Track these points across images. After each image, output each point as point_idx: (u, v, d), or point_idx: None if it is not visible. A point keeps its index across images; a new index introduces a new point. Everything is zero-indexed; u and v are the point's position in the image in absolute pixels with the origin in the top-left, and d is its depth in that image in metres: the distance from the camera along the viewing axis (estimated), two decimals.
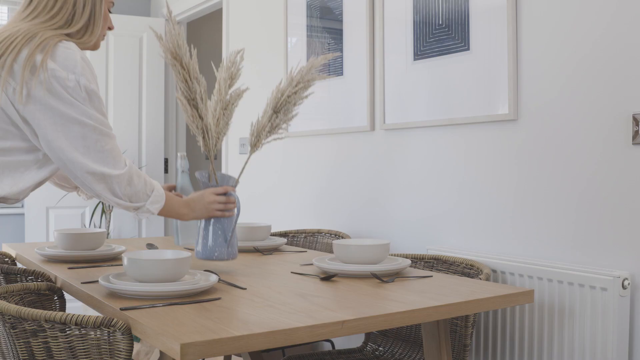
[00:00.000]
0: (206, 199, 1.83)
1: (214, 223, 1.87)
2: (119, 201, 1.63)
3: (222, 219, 1.87)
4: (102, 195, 1.61)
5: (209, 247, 1.87)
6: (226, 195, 1.86)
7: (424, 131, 2.52)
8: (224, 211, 1.85)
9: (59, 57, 1.53)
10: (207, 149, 1.87)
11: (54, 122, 1.53)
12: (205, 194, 1.83)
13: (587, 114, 1.98)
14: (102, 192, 1.60)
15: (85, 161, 1.56)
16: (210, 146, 1.87)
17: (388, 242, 1.90)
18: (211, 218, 1.86)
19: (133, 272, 1.55)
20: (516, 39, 2.16)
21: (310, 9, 3.11)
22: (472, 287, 1.71)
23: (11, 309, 1.39)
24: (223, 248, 1.87)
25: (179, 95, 1.83)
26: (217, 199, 1.84)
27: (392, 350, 2.26)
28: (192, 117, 1.84)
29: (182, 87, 1.81)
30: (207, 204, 1.82)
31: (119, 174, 1.60)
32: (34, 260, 2.17)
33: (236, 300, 1.51)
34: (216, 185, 1.88)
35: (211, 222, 1.87)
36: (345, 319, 1.33)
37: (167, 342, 1.17)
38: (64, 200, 4.48)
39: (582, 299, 1.91)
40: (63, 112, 1.53)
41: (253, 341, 1.20)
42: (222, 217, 1.85)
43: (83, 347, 1.36)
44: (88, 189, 1.61)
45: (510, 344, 2.11)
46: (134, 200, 1.65)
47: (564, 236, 2.04)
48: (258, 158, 3.62)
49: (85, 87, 1.55)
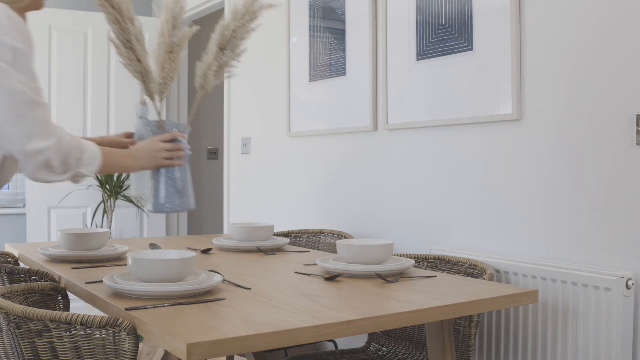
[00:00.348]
0: (152, 147, 1.73)
1: (164, 173, 1.75)
2: (52, 176, 1.55)
3: (172, 168, 1.75)
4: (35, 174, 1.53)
5: (160, 199, 1.76)
6: (174, 142, 1.74)
7: (427, 131, 2.52)
8: (173, 159, 1.75)
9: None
10: (149, 94, 1.76)
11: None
12: (151, 142, 1.74)
13: (590, 114, 1.98)
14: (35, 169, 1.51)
15: (16, 137, 1.46)
16: (153, 90, 1.73)
17: (392, 242, 1.89)
18: (160, 168, 1.75)
19: (137, 272, 1.55)
20: (519, 38, 2.16)
21: (313, 9, 3.11)
22: (476, 287, 1.70)
23: (16, 308, 1.39)
24: (175, 199, 1.76)
25: (111, 38, 1.69)
26: (164, 146, 1.73)
27: (395, 350, 2.26)
28: (128, 59, 1.70)
29: (115, 29, 1.67)
30: (153, 152, 1.72)
31: (50, 145, 1.51)
32: (37, 260, 2.17)
33: (240, 300, 1.51)
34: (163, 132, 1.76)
35: (161, 172, 1.75)
36: (350, 319, 1.33)
37: (173, 342, 1.17)
38: (66, 200, 4.49)
39: (585, 299, 1.91)
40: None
41: (258, 341, 1.20)
42: (170, 165, 1.74)
43: (88, 347, 1.36)
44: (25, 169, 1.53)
45: (513, 344, 2.11)
46: (66, 170, 1.57)
47: (568, 236, 2.04)
48: (260, 158, 3.62)
49: (10, 45, 1.44)
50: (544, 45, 2.10)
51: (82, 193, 4.55)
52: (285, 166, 3.39)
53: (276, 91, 3.47)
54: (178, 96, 4.89)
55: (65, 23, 4.47)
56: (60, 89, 4.47)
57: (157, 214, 4.71)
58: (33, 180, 1.57)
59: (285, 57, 3.35)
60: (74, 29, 4.53)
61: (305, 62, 3.17)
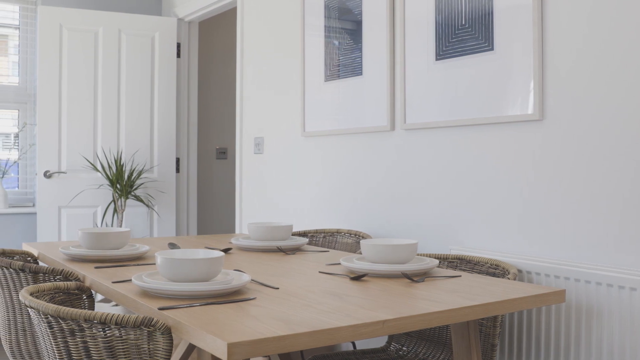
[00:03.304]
0: None
1: None
2: None
3: None
4: None
5: None
6: None
7: (446, 131, 2.52)
8: None
9: None
10: None
11: None
12: None
13: (613, 113, 1.97)
14: None
15: None
16: None
17: (416, 242, 1.89)
18: None
19: (167, 272, 1.55)
20: (541, 38, 2.16)
21: (329, 10, 3.11)
22: (503, 286, 1.70)
23: (50, 308, 1.39)
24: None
25: None
26: None
27: (416, 350, 2.25)
28: None
29: None
30: None
31: None
32: (58, 260, 2.17)
33: (271, 300, 1.51)
34: None
35: None
36: (386, 318, 1.33)
37: (213, 342, 1.17)
38: (76, 200, 4.49)
39: (610, 299, 1.91)
40: None
41: (297, 341, 1.20)
42: None
43: (122, 347, 1.36)
44: None
45: (535, 343, 2.11)
46: None
47: (592, 236, 2.04)
48: (273, 157, 3.62)
49: None
50: (566, 44, 2.10)
51: (93, 192, 4.55)
52: (299, 166, 3.39)
53: (290, 91, 3.47)
54: (188, 96, 4.89)
55: (75, 22, 4.47)
56: (71, 88, 4.47)
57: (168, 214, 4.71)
58: None
59: (300, 57, 3.35)
60: (84, 28, 4.53)
61: (320, 62, 3.16)
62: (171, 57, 4.72)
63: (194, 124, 4.95)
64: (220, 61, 5.70)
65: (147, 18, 4.68)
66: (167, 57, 4.71)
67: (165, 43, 4.70)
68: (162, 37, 4.70)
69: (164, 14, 5.03)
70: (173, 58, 4.74)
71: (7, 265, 1.97)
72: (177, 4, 4.81)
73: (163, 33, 4.70)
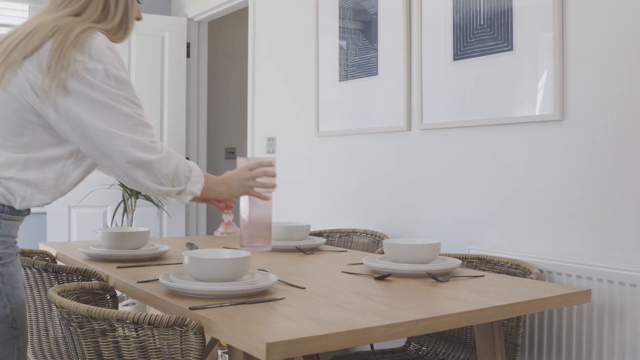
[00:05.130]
0: (241, 175, 1.85)
1: None
2: (160, 188, 1.59)
3: None
4: (143, 184, 1.57)
5: None
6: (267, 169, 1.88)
7: (464, 131, 2.52)
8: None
9: (86, 47, 1.49)
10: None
11: (89, 112, 1.48)
12: (240, 171, 1.86)
13: (634, 113, 1.97)
14: (143, 179, 1.56)
15: (124, 148, 1.52)
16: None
17: (439, 242, 1.90)
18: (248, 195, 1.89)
19: (195, 272, 1.55)
20: (562, 37, 2.16)
21: (343, 10, 3.11)
22: (528, 286, 1.70)
23: (81, 308, 1.39)
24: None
25: None
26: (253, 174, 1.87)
27: (436, 350, 2.26)
28: None
29: None
30: (242, 181, 1.85)
31: (158, 157, 1.57)
32: (77, 259, 2.17)
33: (300, 299, 1.51)
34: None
35: None
36: (418, 318, 1.33)
37: (251, 341, 1.17)
38: (86, 200, 4.49)
39: (633, 299, 1.91)
40: (96, 100, 1.49)
41: (334, 340, 1.20)
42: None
43: (154, 347, 1.36)
44: (129, 178, 1.57)
45: (557, 343, 2.11)
46: (176, 184, 1.62)
47: (613, 236, 2.04)
48: (286, 157, 3.62)
49: (114, 75, 1.52)
50: (586, 44, 2.10)
51: (103, 192, 4.55)
52: (313, 166, 3.39)
53: (304, 91, 3.47)
54: (198, 95, 4.90)
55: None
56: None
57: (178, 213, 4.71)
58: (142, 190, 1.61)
59: (314, 57, 3.35)
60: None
61: (334, 62, 3.17)
62: (181, 56, 4.73)
63: (204, 124, 4.96)
64: (229, 61, 5.70)
65: (157, 18, 4.69)
66: (176, 56, 4.71)
67: (174, 43, 4.70)
68: (171, 36, 4.70)
69: (173, 13, 5.03)
70: (183, 58, 4.74)
71: (30, 265, 1.98)
72: (187, 3, 4.81)
73: (173, 33, 4.71)
